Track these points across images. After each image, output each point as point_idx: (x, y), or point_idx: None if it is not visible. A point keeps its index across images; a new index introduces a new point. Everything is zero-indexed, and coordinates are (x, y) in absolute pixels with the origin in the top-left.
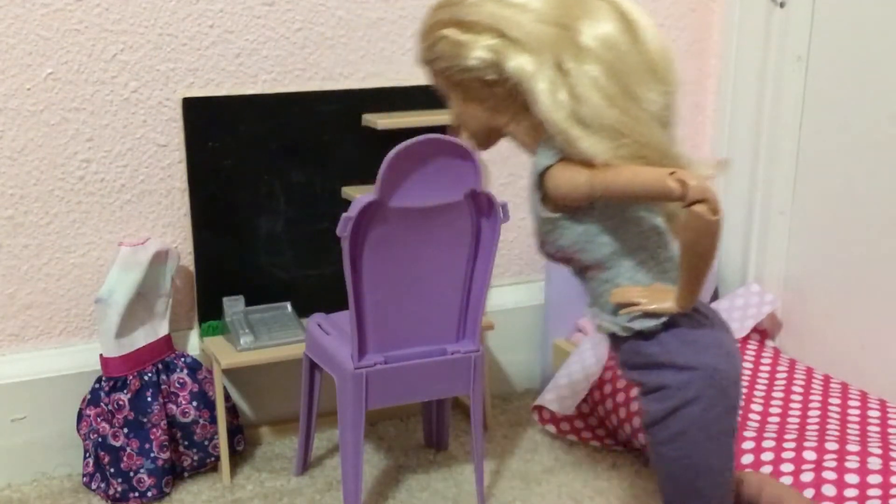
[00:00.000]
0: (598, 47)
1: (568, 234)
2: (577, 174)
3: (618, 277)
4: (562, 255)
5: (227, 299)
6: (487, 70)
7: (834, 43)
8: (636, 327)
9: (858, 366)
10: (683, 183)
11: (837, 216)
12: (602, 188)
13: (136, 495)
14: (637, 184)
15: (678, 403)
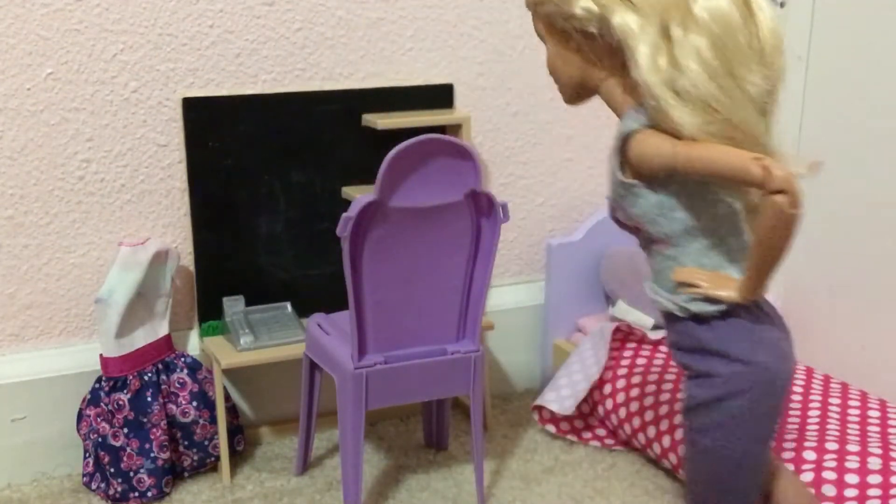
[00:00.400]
0: (708, 18)
1: (642, 202)
2: (663, 143)
3: (683, 256)
4: (632, 223)
5: (227, 299)
6: (592, 22)
7: (834, 43)
8: (693, 309)
9: (858, 366)
10: (768, 170)
11: (837, 216)
12: (685, 161)
13: (136, 495)
14: (720, 162)
15: (723, 394)
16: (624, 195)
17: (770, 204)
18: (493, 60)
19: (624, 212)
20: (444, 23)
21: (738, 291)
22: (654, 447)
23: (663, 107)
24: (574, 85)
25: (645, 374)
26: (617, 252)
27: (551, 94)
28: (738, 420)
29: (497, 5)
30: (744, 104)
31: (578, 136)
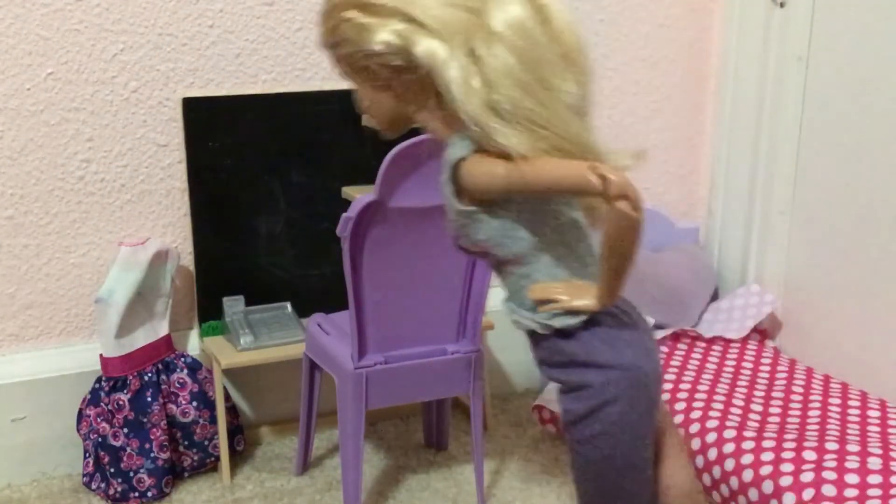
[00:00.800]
0: (509, 33)
1: (484, 227)
2: (494, 166)
3: (536, 273)
4: (478, 248)
5: (227, 299)
6: (394, 55)
7: (834, 43)
8: (556, 325)
9: (858, 366)
10: (604, 177)
11: (837, 216)
12: (520, 181)
13: (136, 495)
14: (557, 177)
15: (600, 402)
16: (466, 223)
17: (613, 211)
18: None
19: (468, 238)
20: None
21: (597, 299)
22: None
23: (488, 131)
24: (389, 120)
25: None
26: None
27: None
28: (619, 425)
29: None
30: (565, 114)
31: None
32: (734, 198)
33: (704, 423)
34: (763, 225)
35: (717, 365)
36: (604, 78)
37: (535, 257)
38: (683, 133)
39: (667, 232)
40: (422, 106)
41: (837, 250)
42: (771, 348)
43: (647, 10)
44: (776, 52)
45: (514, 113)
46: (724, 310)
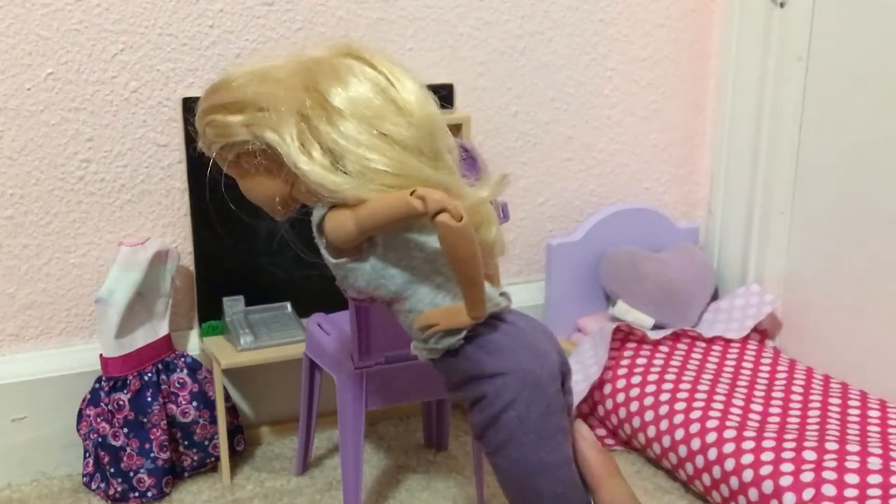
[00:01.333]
0: (350, 106)
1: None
2: (343, 216)
3: (419, 304)
4: (364, 294)
5: (227, 299)
6: (253, 142)
7: (834, 43)
8: (441, 347)
9: (858, 366)
10: (423, 198)
11: (837, 216)
12: (360, 224)
13: (136, 495)
14: (385, 209)
15: (497, 410)
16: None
17: (439, 226)
18: (493, 60)
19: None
20: (444, 23)
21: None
22: (654, 447)
23: (336, 191)
24: (273, 203)
25: (645, 374)
26: (617, 252)
27: (551, 94)
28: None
29: (497, 5)
30: (401, 154)
31: (578, 136)
32: (734, 198)
33: (704, 423)
34: (763, 225)
35: (717, 365)
36: (604, 78)
37: (413, 291)
38: (683, 133)
39: (667, 232)
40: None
41: (837, 250)
42: (771, 348)
43: (647, 10)
44: (776, 52)
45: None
46: (724, 310)
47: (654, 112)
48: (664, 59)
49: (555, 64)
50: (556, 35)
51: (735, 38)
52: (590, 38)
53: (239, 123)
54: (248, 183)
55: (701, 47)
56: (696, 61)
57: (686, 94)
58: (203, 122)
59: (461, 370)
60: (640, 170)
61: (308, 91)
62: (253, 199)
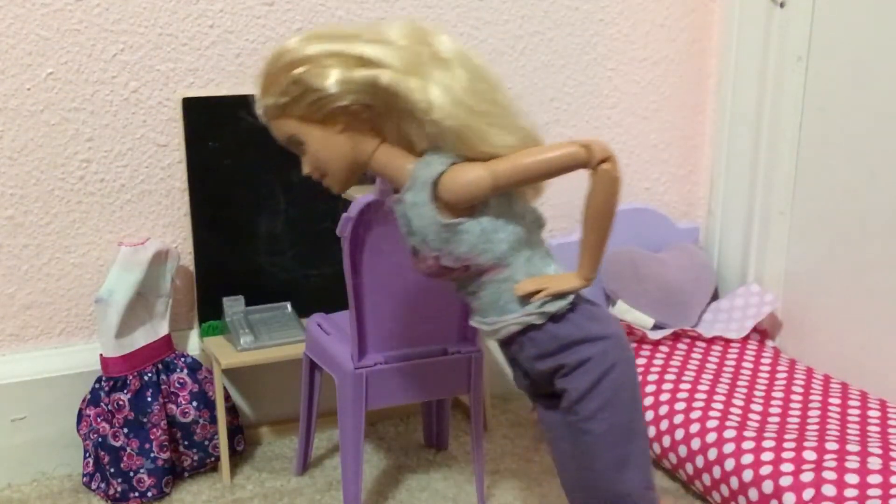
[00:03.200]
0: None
1: (467, 238)
2: (477, 170)
3: (516, 273)
4: (460, 264)
5: (227, 299)
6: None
7: (834, 43)
8: (551, 310)
9: (858, 366)
10: (588, 147)
11: (837, 216)
12: (507, 176)
13: (136, 495)
14: (548, 160)
15: (601, 372)
16: (449, 238)
17: (601, 175)
18: (492, 60)
19: (450, 256)
20: (444, 23)
21: (580, 277)
22: (654, 447)
23: (480, 135)
24: (346, 168)
25: (645, 374)
26: (617, 252)
27: (551, 94)
28: (618, 392)
29: (497, 5)
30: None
31: (578, 136)
32: (734, 198)
33: (704, 423)
34: (763, 225)
35: (717, 365)
36: (604, 78)
37: (514, 257)
38: (683, 133)
39: (667, 232)
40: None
41: (837, 250)
42: (771, 348)
43: (647, 10)
44: (776, 52)
45: (491, 118)
46: (724, 310)
47: (654, 112)
48: (664, 59)
49: (555, 64)
50: (556, 35)
51: (735, 38)
52: (590, 38)
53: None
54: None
55: (701, 47)
56: (696, 61)
57: (686, 94)
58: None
59: (562, 336)
60: (640, 170)
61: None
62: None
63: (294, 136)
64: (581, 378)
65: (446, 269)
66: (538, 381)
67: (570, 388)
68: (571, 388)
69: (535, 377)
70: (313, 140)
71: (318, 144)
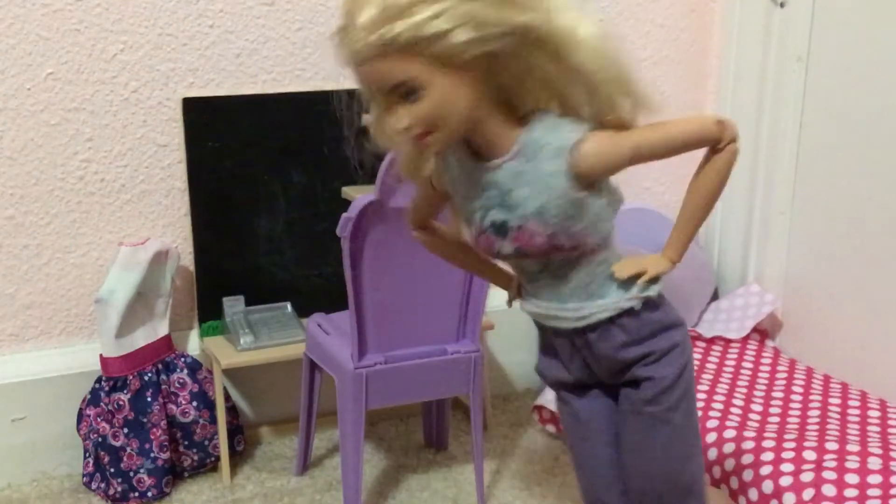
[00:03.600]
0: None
1: (587, 214)
2: (620, 138)
3: (611, 256)
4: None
5: (227, 299)
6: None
7: (834, 43)
8: (652, 294)
9: (858, 366)
10: (722, 124)
11: (837, 216)
12: (647, 148)
13: (136, 495)
14: (685, 133)
15: (685, 359)
16: (573, 214)
17: (728, 154)
18: None
19: (565, 234)
20: None
21: (670, 259)
22: None
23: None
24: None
25: None
26: None
27: None
28: (691, 380)
29: None
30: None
31: None
32: (734, 198)
33: (704, 423)
34: (763, 225)
35: (717, 365)
36: None
37: (612, 239)
38: None
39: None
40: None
41: (837, 250)
42: (771, 348)
43: (647, 10)
44: (776, 52)
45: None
46: (724, 310)
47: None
48: (664, 59)
49: None
50: None
51: (735, 38)
52: None
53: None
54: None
55: (701, 47)
56: (696, 61)
57: (686, 94)
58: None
59: (654, 321)
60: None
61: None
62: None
63: (414, 80)
64: (669, 365)
65: (555, 247)
66: (605, 372)
67: (658, 377)
68: (660, 376)
69: (604, 367)
70: (440, 89)
71: (445, 94)
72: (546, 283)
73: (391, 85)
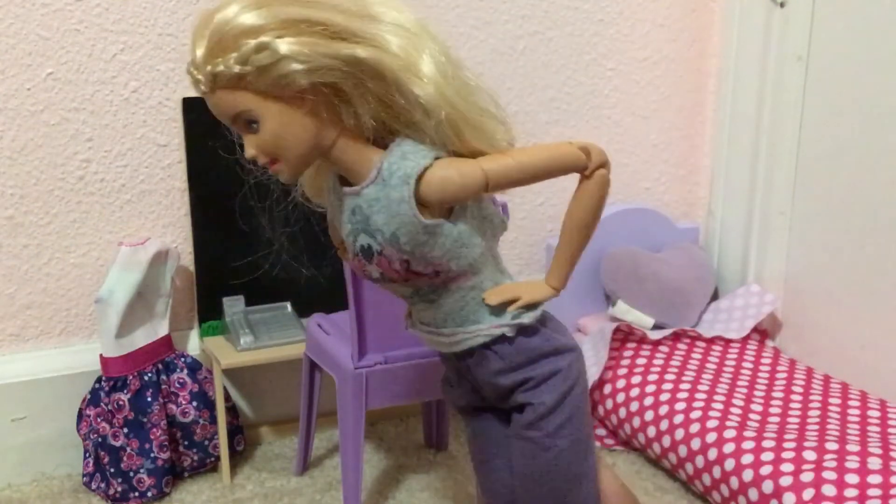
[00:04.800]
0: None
1: (443, 241)
2: (467, 166)
3: (484, 281)
4: (431, 269)
5: (227, 299)
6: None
7: (834, 43)
8: (525, 321)
9: (858, 366)
10: (587, 149)
11: (837, 216)
12: (501, 176)
13: (136, 495)
14: (546, 160)
15: (569, 385)
16: (425, 241)
17: (598, 180)
18: (492, 60)
19: (423, 259)
20: (444, 23)
21: (552, 285)
22: (654, 447)
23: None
24: (305, 155)
25: (645, 375)
26: (617, 252)
27: (551, 94)
28: (580, 406)
29: (497, 5)
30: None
31: (578, 136)
32: (734, 198)
33: (704, 423)
34: (763, 225)
35: (717, 365)
36: (604, 78)
37: (484, 264)
38: (683, 133)
39: (667, 232)
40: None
41: (837, 250)
42: (771, 348)
43: (646, 10)
44: (776, 52)
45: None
46: (724, 310)
47: (654, 112)
48: (664, 59)
49: (555, 64)
50: (556, 35)
51: (735, 38)
52: (590, 38)
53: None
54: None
55: (701, 47)
56: (696, 61)
57: (686, 94)
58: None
59: (532, 348)
60: (640, 170)
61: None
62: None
63: (247, 112)
64: (549, 392)
65: (414, 273)
66: (490, 396)
67: (537, 403)
68: (538, 402)
69: (488, 391)
70: (273, 120)
71: (279, 125)
72: (421, 307)
73: (231, 116)
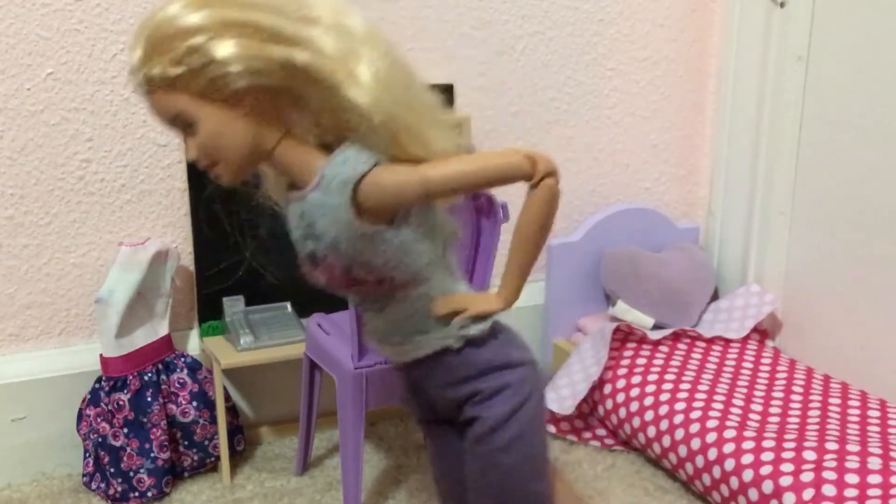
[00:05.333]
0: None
1: (385, 248)
2: (406, 173)
3: (432, 290)
4: (374, 276)
5: (227, 299)
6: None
7: (834, 43)
8: (472, 333)
9: (858, 366)
10: (532, 158)
11: (837, 216)
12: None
13: (136, 495)
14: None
15: (520, 401)
16: (364, 247)
17: (544, 190)
18: (492, 60)
19: (365, 266)
20: (444, 23)
21: (503, 298)
22: (654, 447)
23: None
24: (244, 158)
25: (645, 374)
26: (617, 252)
27: (551, 94)
28: (533, 422)
29: (497, 5)
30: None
31: (578, 136)
32: (734, 198)
33: (704, 423)
34: (763, 225)
35: (717, 365)
36: (604, 78)
37: (431, 272)
38: (683, 133)
39: (667, 232)
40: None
41: (837, 250)
42: (771, 348)
43: (647, 10)
44: (776, 52)
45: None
46: (724, 310)
47: (654, 112)
48: (664, 59)
49: (555, 64)
50: (556, 35)
51: (735, 38)
52: (590, 38)
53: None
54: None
55: (701, 47)
56: (696, 61)
57: (686, 94)
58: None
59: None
60: (640, 170)
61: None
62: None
63: (183, 114)
64: (498, 406)
65: (356, 280)
66: (443, 409)
67: (486, 416)
68: (487, 416)
69: (441, 405)
70: (209, 122)
71: (215, 128)
72: (370, 315)
73: (169, 117)
